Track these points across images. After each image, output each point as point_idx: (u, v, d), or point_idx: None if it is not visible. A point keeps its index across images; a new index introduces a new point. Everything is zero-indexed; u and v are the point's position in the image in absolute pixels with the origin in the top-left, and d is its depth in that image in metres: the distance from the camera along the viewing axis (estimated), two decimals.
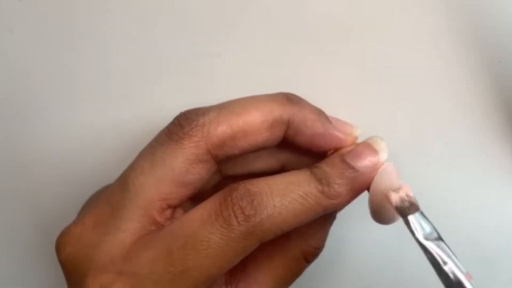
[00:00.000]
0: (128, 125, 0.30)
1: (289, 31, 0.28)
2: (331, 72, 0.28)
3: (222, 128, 0.23)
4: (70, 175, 0.30)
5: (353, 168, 0.24)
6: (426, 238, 0.22)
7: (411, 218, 0.22)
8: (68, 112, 0.30)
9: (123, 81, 0.29)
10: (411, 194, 0.23)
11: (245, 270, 0.25)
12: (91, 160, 0.30)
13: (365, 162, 0.24)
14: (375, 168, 0.24)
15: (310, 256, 0.26)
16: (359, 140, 0.26)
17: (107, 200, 0.24)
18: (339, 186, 0.23)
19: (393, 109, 0.29)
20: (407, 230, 0.23)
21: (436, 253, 0.22)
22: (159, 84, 0.29)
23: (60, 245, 0.24)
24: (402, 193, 0.23)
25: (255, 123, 0.24)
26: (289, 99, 0.25)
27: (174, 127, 0.24)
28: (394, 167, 0.24)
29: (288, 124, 0.24)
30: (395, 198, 0.23)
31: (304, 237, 0.26)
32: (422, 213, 0.23)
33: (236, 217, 0.22)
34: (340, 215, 0.27)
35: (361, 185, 0.24)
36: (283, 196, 0.23)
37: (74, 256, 0.23)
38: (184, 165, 0.23)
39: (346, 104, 0.29)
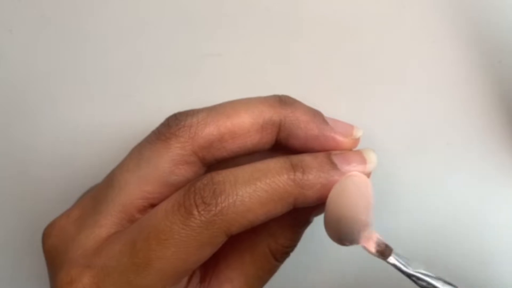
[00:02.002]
0: (127, 125, 0.30)
1: (289, 31, 0.28)
2: (330, 72, 0.28)
3: (209, 129, 0.23)
4: (69, 175, 0.30)
5: (336, 166, 0.23)
6: (413, 268, 0.22)
7: (394, 256, 0.22)
8: (67, 112, 0.30)
9: (123, 81, 0.29)
10: (379, 236, 0.22)
11: (217, 267, 0.25)
12: (91, 160, 0.30)
13: (349, 167, 0.23)
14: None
15: (278, 254, 0.25)
16: (360, 144, 0.25)
17: (94, 195, 0.24)
18: (314, 177, 0.22)
19: (394, 109, 0.29)
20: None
21: (428, 276, 0.22)
22: (159, 84, 0.29)
23: (44, 236, 0.25)
24: (374, 238, 0.22)
25: (244, 125, 0.24)
26: (282, 101, 0.24)
27: (163, 127, 0.24)
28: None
29: (279, 127, 0.24)
30: (372, 245, 0.22)
31: (273, 234, 0.25)
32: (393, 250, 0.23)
33: (196, 206, 0.21)
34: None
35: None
36: (247, 184, 0.22)
37: (55, 247, 0.24)
38: (168, 165, 0.23)
39: (346, 104, 0.29)
